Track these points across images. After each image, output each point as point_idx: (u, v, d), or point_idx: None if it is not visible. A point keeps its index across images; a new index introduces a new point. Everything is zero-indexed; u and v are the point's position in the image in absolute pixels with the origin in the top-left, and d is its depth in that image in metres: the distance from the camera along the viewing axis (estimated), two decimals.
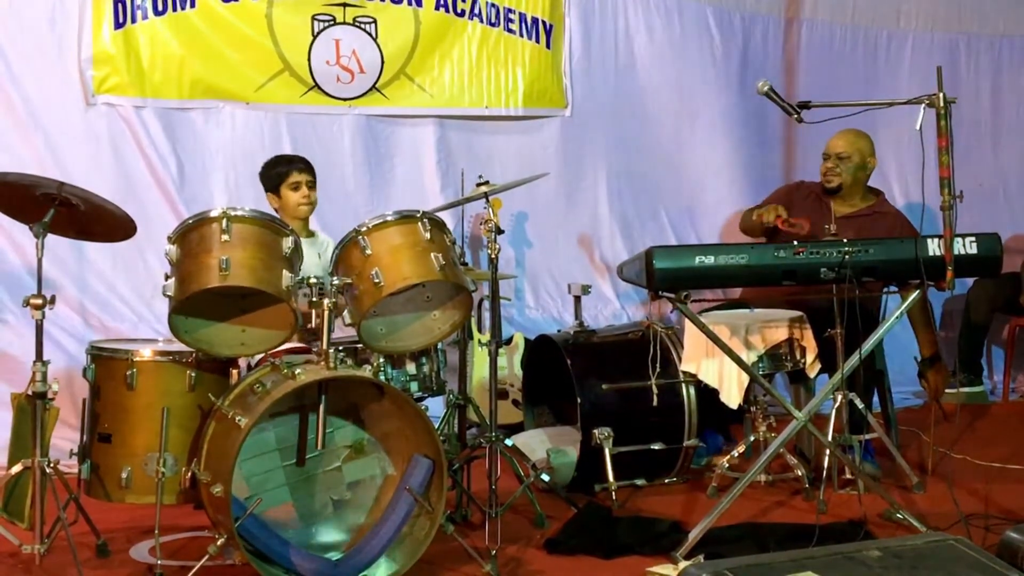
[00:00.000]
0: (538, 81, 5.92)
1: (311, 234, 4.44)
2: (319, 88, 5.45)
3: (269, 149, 5.07)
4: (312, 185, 4.39)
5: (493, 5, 5.80)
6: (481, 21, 5.78)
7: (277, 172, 4.39)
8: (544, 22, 5.91)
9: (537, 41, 5.90)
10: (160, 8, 5.12)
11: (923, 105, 3.66)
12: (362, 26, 5.51)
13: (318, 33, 5.43)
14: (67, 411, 4.06)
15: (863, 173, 4.88)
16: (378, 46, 5.54)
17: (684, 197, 6.40)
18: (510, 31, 5.84)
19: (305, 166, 4.41)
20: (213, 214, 3.32)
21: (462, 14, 5.74)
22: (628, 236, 6.20)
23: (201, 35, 5.22)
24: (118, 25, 5.06)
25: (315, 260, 4.25)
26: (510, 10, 5.85)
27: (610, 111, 6.15)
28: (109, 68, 5.06)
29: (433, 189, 5.69)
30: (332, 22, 5.46)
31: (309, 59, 5.41)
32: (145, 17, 5.10)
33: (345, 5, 5.48)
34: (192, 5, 5.19)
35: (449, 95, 5.73)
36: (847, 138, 4.85)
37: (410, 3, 5.61)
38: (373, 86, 5.55)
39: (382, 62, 5.55)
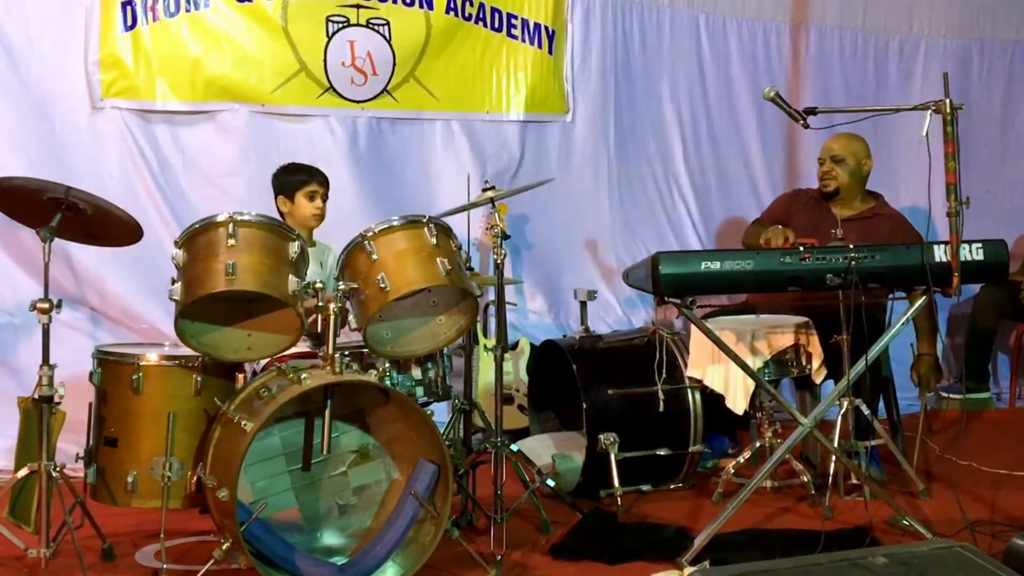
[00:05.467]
0: (540, 87, 5.93)
1: (313, 243, 4.44)
2: (334, 90, 5.44)
3: (283, 152, 5.06)
4: (325, 198, 4.42)
5: (496, 10, 5.81)
6: (485, 26, 5.79)
7: (297, 179, 4.40)
8: (546, 28, 5.92)
9: (540, 47, 5.91)
10: (172, 9, 5.12)
11: (929, 111, 3.66)
12: (376, 28, 5.51)
13: (333, 34, 5.43)
14: (74, 415, 4.06)
15: (859, 175, 4.88)
16: (391, 48, 5.54)
17: (687, 203, 6.40)
18: (512, 36, 5.85)
19: (324, 179, 4.44)
20: (220, 219, 3.32)
21: (469, 18, 5.75)
22: (631, 242, 6.21)
23: (216, 36, 5.21)
24: (128, 27, 5.06)
25: (316, 268, 4.25)
26: (512, 15, 5.86)
27: (611, 117, 6.15)
28: (117, 72, 5.05)
29: (439, 193, 5.69)
30: (346, 23, 5.46)
31: (325, 60, 5.41)
32: (156, 19, 5.09)
33: (359, 7, 5.48)
34: (206, 5, 5.19)
35: (454, 99, 5.74)
36: (841, 141, 4.85)
37: (421, 5, 5.61)
38: (384, 88, 5.55)
39: (394, 64, 5.55)
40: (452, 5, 5.68)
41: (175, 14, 5.13)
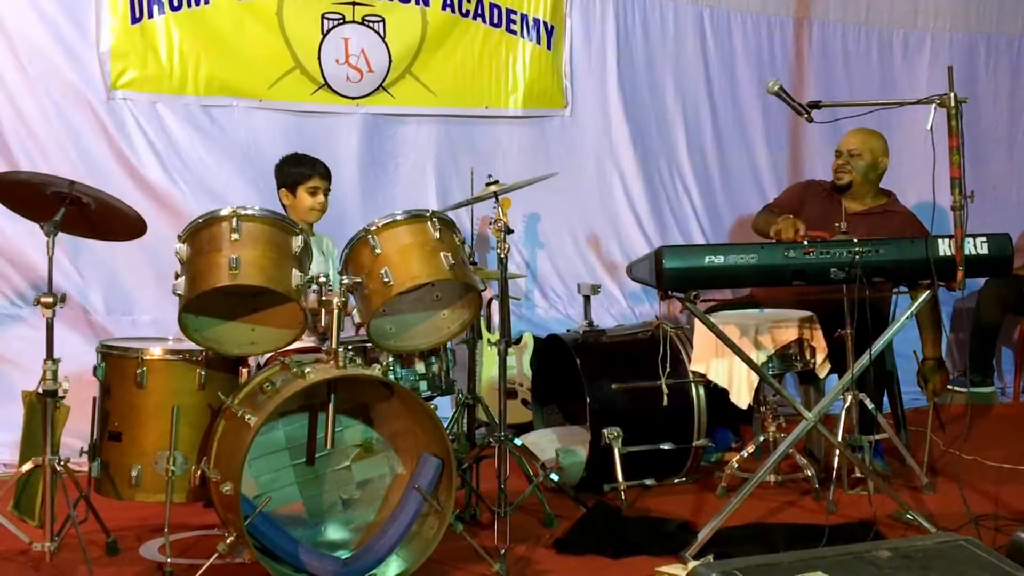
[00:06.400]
0: (538, 81, 5.93)
1: (312, 233, 4.46)
2: (328, 87, 5.46)
3: (280, 147, 5.07)
4: (327, 192, 4.45)
5: (495, 6, 5.81)
6: (484, 21, 5.79)
7: (299, 172, 4.45)
8: (545, 23, 5.93)
9: (538, 42, 5.91)
10: (176, 3, 5.13)
11: (934, 105, 3.65)
12: (371, 25, 5.52)
13: (328, 32, 5.44)
14: (78, 409, 4.08)
15: (875, 172, 4.88)
16: (386, 45, 5.55)
17: (691, 197, 6.39)
18: (512, 31, 5.86)
19: (326, 172, 4.48)
20: (223, 213, 3.32)
21: (467, 14, 5.75)
22: (634, 236, 6.20)
23: (215, 31, 5.21)
24: (135, 20, 5.06)
25: (319, 257, 4.27)
26: (512, 11, 5.86)
27: (614, 112, 6.14)
28: (125, 63, 5.07)
29: (436, 188, 5.70)
30: (341, 21, 5.46)
31: (319, 57, 5.42)
32: (162, 12, 5.10)
33: (354, 4, 5.48)
34: (207, 1, 5.19)
35: (452, 94, 5.74)
36: (860, 136, 4.85)
37: (418, 2, 5.61)
38: (380, 85, 5.56)
39: (390, 61, 5.56)
40: (448, 2, 5.68)
41: (178, 8, 5.14)
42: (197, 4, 5.18)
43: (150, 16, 5.09)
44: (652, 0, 6.24)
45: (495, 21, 5.82)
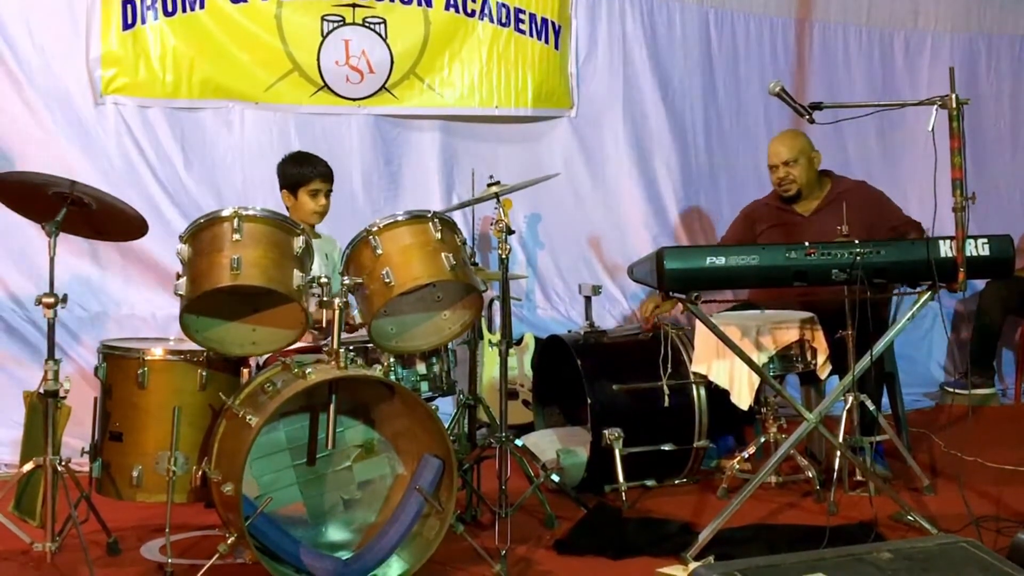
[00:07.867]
0: (547, 82, 5.92)
1: (316, 235, 4.44)
2: (328, 88, 5.46)
3: (278, 148, 5.08)
4: (329, 194, 4.40)
5: (503, 5, 5.80)
6: (491, 21, 5.79)
7: (300, 173, 4.37)
8: (553, 23, 5.92)
9: (546, 42, 5.90)
10: (169, 9, 5.13)
11: (935, 106, 3.65)
12: (371, 26, 5.52)
13: (327, 33, 5.44)
14: (79, 409, 4.09)
15: (813, 169, 4.87)
16: (388, 46, 5.55)
17: (691, 198, 6.39)
18: (520, 31, 5.85)
19: (327, 173, 4.40)
20: (225, 213, 3.32)
21: (472, 14, 5.74)
22: (635, 237, 6.20)
23: (210, 36, 5.23)
24: (127, 26, 5.07)
25: (321, 260, 4.25)
26: (520, 10, 5.85)
27: (616, 112, 6.15)
28: (117, 69, 5.08)
29: (439, 189, 5.71)
30: (341, 22, 5.46)
31: (318, 59, 5.42)
32: (155, 18, 5.11)
33: (354, 6, 5.48)
34: (201, 6, 5.20)
35: (459, 95, 5.74)
36: (787, 142, 4.86)
37: (419, 3, 5.61)
38: (383, 86, 5.56)
39: (392, 62, 5.56)
40: (452, 2, 5.67)
41: (172, 14, 5.14)
42: (192, 9, 5.18)
43: (143, 22, 5.09)
44: (658, 1, 6.24)
45: (503, 20, 5.81)
